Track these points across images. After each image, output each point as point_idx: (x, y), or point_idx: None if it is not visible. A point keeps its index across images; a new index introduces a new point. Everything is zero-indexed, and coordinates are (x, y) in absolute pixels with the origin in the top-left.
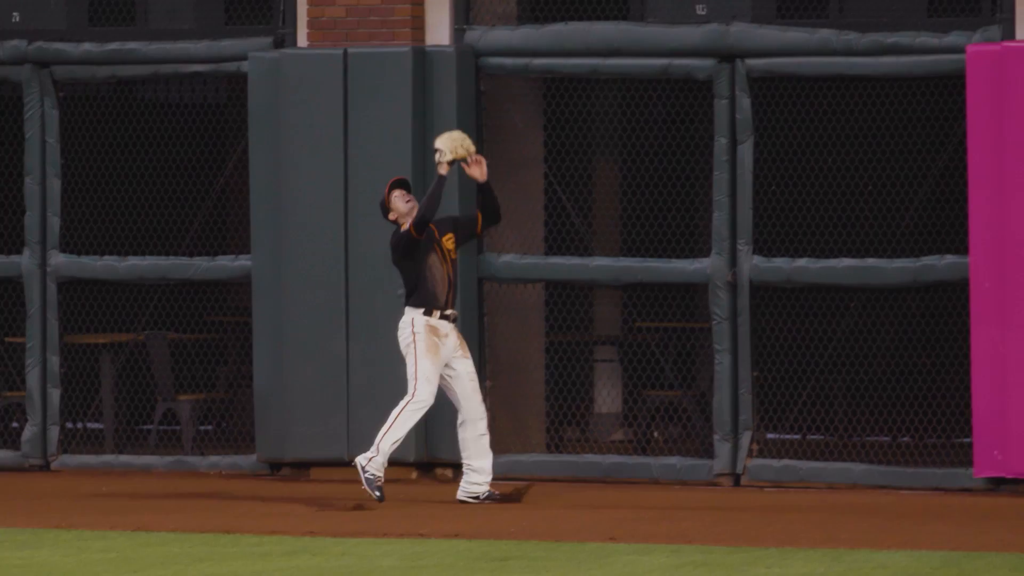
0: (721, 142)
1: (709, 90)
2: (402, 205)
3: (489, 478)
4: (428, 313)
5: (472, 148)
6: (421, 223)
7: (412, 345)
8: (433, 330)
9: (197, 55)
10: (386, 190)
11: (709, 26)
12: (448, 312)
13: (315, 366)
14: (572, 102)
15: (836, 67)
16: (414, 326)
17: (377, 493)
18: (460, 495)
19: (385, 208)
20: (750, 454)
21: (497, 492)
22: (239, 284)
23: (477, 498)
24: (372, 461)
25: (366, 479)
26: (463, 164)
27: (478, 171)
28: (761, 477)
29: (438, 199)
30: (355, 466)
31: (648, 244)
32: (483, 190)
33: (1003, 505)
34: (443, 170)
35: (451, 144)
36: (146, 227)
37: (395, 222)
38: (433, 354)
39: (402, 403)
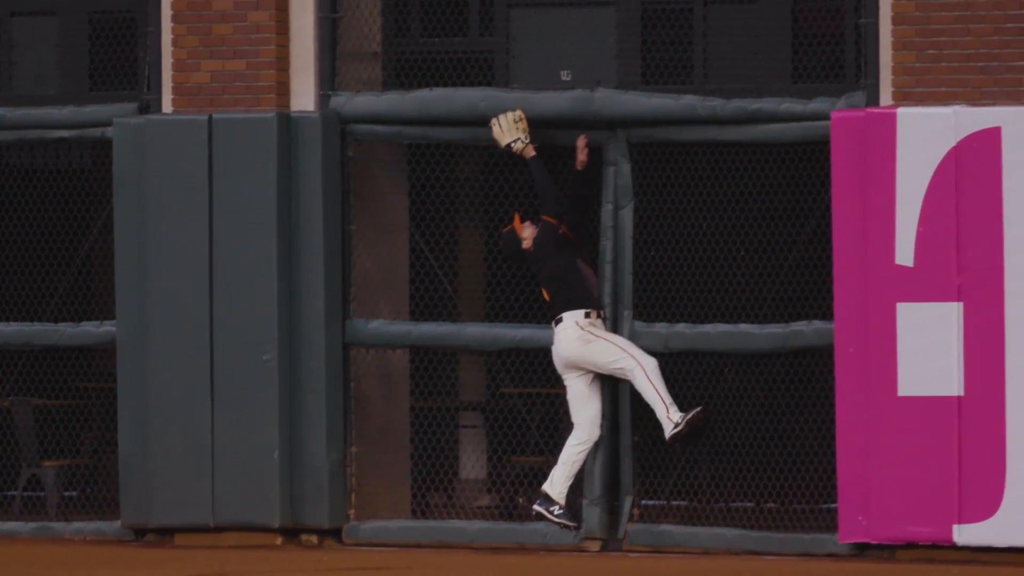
0: (607, 208)
1: (599, 157)
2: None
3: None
4: (587, 315)
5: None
6: (557, 206)
7: (591, 340)
8: (594, 325)
9: (62, 121)
10: (515, 222)
11: (574, 92)
12: (602, 312)
13: (180, 432)
14: (437, 168)
15: (709, 133)
16: (580, 326)
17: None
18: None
19: (516, 239)
20: (631, 519)
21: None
22: (104, 350)
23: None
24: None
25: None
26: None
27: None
28: (640, 542)
29: (545, 177)
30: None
31: (514, 310)
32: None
33: (868, 570)
34: (527, 153)
35: (504, 125)
36: (10, 293)
37: (526, 250)
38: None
39: (641, 376)
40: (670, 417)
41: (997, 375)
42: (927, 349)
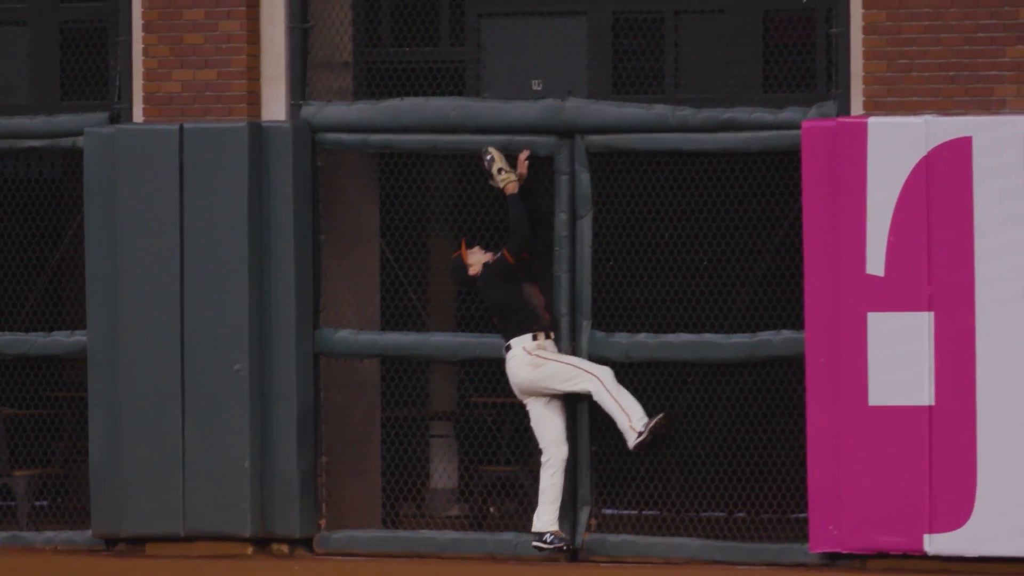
0: (561, 217)
1: (551, 166)
2: (479, 256)
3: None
4: (535, 338)
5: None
6: (519, 247)
7: (541, 364)
8: (542, 348)
9: (33, 130)
10: (462, 249)
11: (545, 102)
12: (551, 333)
13: (151, 441)
14: (407, 177)
15: (673, 142)
16: (528, 351)
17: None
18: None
19: (464, 265)
20: (588, 529)
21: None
22: (75, 360)
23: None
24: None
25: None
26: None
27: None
28: (599, 552)
29: (520, 216)
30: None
31: (486, 319)
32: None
33: None
34: (510, 188)
35: (503, 156)
36: None
37: (474, 276)
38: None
39: (599, 389)
40: (632, 427)
41: (968, 385)
42: (898, 359)
